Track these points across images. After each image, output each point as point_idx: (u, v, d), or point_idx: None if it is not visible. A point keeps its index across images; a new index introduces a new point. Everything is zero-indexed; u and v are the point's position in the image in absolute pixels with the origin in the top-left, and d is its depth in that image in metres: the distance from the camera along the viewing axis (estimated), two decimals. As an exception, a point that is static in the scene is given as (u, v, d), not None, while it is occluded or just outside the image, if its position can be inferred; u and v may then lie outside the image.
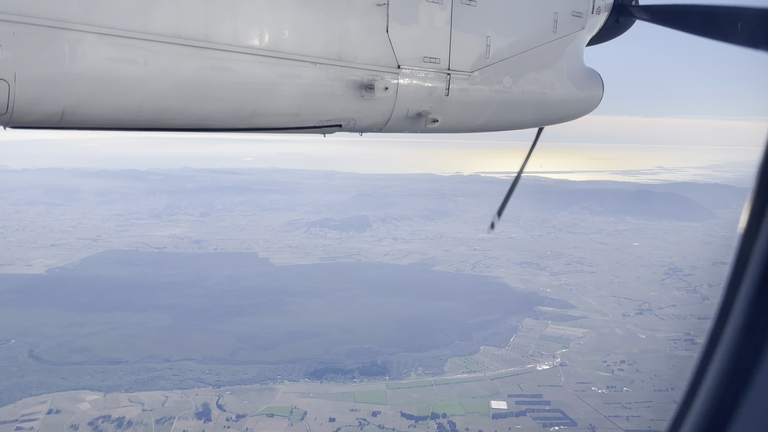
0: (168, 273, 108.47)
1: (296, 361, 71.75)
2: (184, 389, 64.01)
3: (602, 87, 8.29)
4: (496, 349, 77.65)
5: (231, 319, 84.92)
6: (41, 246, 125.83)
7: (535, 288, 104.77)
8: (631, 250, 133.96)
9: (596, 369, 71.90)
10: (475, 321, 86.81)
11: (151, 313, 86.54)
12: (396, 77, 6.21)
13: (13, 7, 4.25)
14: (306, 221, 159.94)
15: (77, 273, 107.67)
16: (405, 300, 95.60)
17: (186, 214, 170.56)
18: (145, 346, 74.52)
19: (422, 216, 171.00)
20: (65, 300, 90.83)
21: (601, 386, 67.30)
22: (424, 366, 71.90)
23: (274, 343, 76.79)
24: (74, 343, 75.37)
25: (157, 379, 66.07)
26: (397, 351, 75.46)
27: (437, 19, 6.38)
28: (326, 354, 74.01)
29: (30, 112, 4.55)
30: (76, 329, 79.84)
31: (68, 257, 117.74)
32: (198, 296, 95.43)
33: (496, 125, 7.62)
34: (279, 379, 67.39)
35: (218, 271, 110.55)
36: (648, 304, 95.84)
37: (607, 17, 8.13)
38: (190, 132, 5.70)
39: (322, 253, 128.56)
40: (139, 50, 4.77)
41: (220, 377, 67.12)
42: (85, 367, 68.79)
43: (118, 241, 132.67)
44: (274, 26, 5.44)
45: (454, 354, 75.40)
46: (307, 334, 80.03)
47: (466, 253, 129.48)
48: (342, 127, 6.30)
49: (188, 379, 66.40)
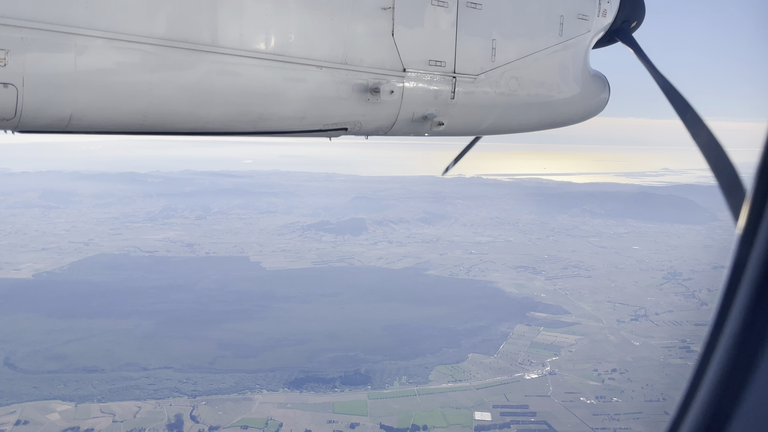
0: (156, 277, 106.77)
1: (277, 369, 69.77)
2: (158, 399, 62.09)
3: (608, 89, 8.27)
4: (484, 356, 75.46)
5: (215, 326, 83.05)
6: (31, 250, 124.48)
7: (530, 293, 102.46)
8: (631, 253, 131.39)
9: (586, 378, 69.59)
10: (465, 327, 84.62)
11: (133, 319, 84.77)
12: (401, 81, 6.19)
13: (21, 13, 4.28)
14: (302, 224, 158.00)
15: (64, 278, 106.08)
16: (395, 305, 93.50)
17: (182, 218, 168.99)
18: (124, 353, 72.72)
19: (420, 219, 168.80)
20: (48, 306, 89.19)
21: (590, 396, 65.01)
22: (408, 375, 69.80)
23: (256, 351, 74.85)
24: (52, 350, 73.65)
25: (132, 388, 64.20)
26: (383, 359, 73.37)
27: (443, 23, 6.35)
28: (309, 362, 72.01)
29: (38, 116, 4.60)
30: (55, 336, 78.14)
31: (57, 261, 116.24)
32: (184, 301, 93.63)
33: (502, 128, 7.58)
34: (257, 388, 65.39)
35: (207, 275, 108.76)
36: (644, 309, 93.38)
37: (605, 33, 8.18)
38: (196, 136, 5.68)
39: (315, 257, 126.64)
40: (145, 55, 4.81)
41: (197, 387, 65.18)
42: (59, 375, 67.01)
43: (110, 245, 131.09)
44: (279, 30, 5.45)
45: (441, 362, 73.23)
46: (291, 342, 78.07)
47: (462, 257, 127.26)
48: (348, 131, 6.29)
49: (164, 388, 64.50)
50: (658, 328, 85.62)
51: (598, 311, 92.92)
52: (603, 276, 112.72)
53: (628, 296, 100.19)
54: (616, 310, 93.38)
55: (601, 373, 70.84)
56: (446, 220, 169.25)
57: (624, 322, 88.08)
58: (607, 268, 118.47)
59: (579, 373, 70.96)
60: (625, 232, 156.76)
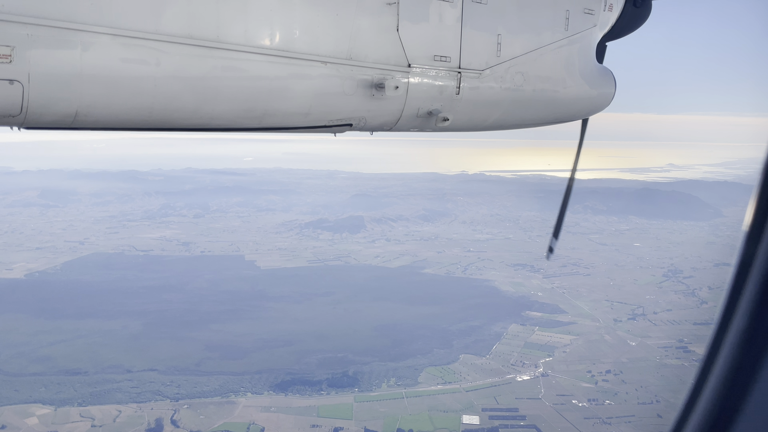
0: (149, 277, 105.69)
1: (264, 371, 68.42)
2: (140, 403, 60.90)
3: (614, 84, 8.15)
4: (476, 357, 73.93)
5: (204, 326, 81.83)
6: (26, 249, 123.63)
7: (526, 291, 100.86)
8: (631, 251, 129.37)
9: (579, 380, 68.00)
10: (459, 327, 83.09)
11: (122, 319, 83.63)
12: (406, 76, 6.15)
13: (27, 9, 4.27)
14: (300, 222, 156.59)
15: (57, 277, 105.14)
16: (388, 305, 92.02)
17: (180, 216, 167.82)
18: (109, 355, 71.58)
19: (419, 216, 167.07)
20: (37, 306, 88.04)
21: (582, 399, 63.38)
22: (397, 376, 68.35)
23: (244, 352, 73.53)
24: (37, 352, 72.59)
25: (114, 391, 62.98)
26: (372, 360, 71.96)
27: (448, 18, 6.30)
28: (296, 364, 70.65)
29: (44, 113, 4.59)
30: (42, 337, 77.07)
31: (51, 261, 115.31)
32: (174, 301, 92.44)
33: (508, 124, 7.54)
34: (242, 391, 64.10)
35: (201, 274, 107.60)
36: (642, 308, 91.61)
37: (623, 7, 7.97)
38: (201, 132, 5.66)
39: (311, 255, 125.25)
40: (151, 51, 4.78)
41: (181, 389, 63.93)
42: (41, 378, 65.88)
43: (105, 244, 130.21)
44: (284, 26, 5.43)
45: (431, 363, 71.75)
46: (280, 342, 76.74)
47: (460, 255, 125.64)
48: (353, 127, 6.27)
49: (147, 391, 63.29)
50: (655, 327, 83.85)
51: (595, 310, 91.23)
52: (602, 274, 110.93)
53: (627, 295, 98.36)
54: (614, 309, 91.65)
55: (594, 375, 69.23)
56: (446, 218, 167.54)
57: (621, 322, 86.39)
58: (606, 265, 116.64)
59: (572, 374, 69.37)
60: (627, 229, 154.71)
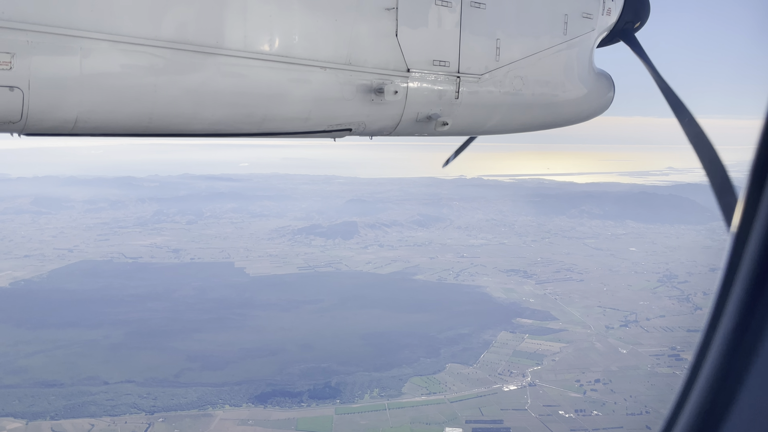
0: (135, 285, 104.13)
1: (244, 382, 66.84)
2: (114, 416, 59.34)
3: (613, 88, 8.18)
4: (463, 367, 72.35)
5: (187, 336, 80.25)
6: (14, 257, 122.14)
7: (518, 298, 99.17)
8: (627, 255, 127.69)
9: (567, 389, 66.37)
10: (447, 335, 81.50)
11: (104, 329, 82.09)
12: (406, 81, 6.14)
13: (27, 16, 4.26)
14: (293, 228, 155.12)
15: (42, 286, 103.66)
16: (377, 312, 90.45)
17: (172, 222, 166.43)
18: (87, 366, 70.06)
19: (414, 221, 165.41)
20: (19, 315, 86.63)
21: (569, 410, 61.75)
22: (381, 387, 66.76)
23: (225, 363, 71.93)
24: (14, 363, 71.07)
25: (89, 404, 61.42)
26: (356, 370, 70.37)
27: (446, 23, 6.29)
28: (278, 374, 69.10)
29: (44, 119, 4.58)
30: (20, 347, 75.56)
31: (38, 269, 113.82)
32: (159, 310, 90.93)
33: (506, 128, 7.51)
34: (220, 403, 62.54)
35: (188, 282, 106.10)
36: (635, 314, 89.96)
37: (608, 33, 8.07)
38: (201, 138, 5.68)
39: (302, 262, 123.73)
40: (150, 57, 4.78)
41: (157, 402, 62.35)
42: (16, 390, 64.31)
43: (94, 252, 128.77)
44: (283, 32, 5.41)
45: (417, 373, 70.16)
46: (264, 352, 75.17)
47: (453, 261, 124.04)
48: (352, 131, 6.26)
49: (122, 404, 61.72)
50: (648, 334, 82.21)
51: (586, 317, 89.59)
52: (595, 279, 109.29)
53: (620, 301, 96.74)
54: (606, 316, 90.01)
55: (583, 384, 67.60)
56: (441, 223, 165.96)
57: (613, 329, 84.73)
58: (600, 271, 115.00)
59: (560, 384, 67.73)
60: (623, 234, 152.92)
